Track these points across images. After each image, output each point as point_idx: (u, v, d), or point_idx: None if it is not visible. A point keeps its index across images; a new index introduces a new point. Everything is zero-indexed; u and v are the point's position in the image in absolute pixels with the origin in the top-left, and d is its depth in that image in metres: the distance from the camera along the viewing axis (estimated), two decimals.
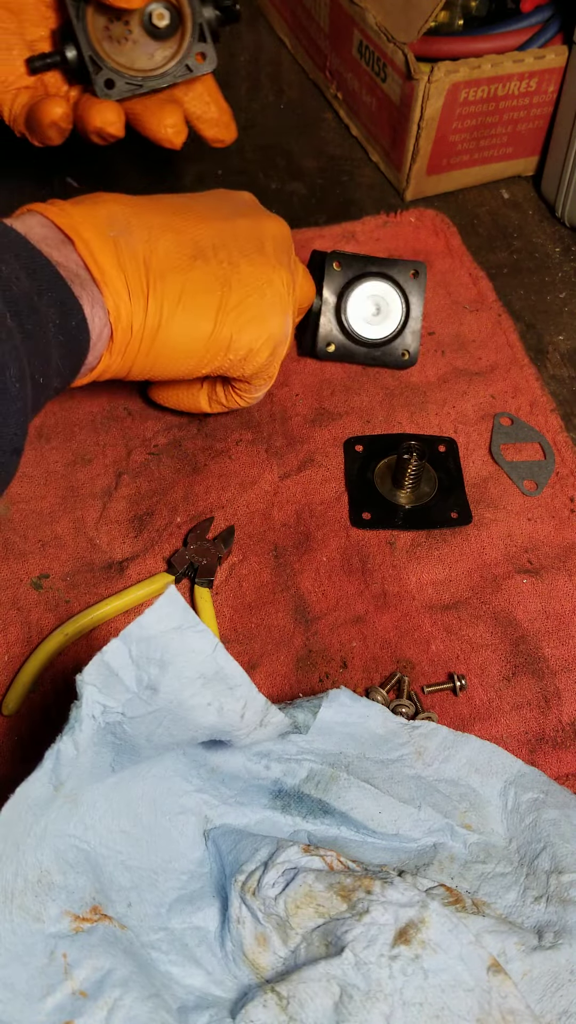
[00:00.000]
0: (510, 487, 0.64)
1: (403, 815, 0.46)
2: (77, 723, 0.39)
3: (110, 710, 0.39)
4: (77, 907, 0.39)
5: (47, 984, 0.37)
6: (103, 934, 0.39)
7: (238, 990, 0.40)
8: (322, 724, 0.47)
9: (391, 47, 0.76)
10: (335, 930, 0.39)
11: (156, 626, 0.38)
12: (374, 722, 0.48)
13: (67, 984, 0.37)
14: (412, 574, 0.60)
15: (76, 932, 0.39)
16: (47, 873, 0.39)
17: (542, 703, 0.55)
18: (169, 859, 0.44)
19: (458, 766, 0.48)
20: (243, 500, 0.63)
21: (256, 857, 0.41)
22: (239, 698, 0.40)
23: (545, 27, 0.78)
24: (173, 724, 0.40)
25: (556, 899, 0.43)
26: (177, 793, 0.45)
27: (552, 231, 0.82)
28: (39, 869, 0.39)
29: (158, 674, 0.38)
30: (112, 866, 0.42)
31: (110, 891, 0.41)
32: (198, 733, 0.41)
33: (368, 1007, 0.36)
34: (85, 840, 0.41)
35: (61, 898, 0.39)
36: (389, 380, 0.70)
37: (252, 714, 0.41)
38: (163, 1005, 0.37)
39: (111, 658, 0.38)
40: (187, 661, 0.39)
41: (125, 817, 0.43)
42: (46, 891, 0.39)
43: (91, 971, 0.37)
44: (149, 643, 0.38)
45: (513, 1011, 0.37)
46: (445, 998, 0.37)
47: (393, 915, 0.38)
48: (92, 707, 0.39)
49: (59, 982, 0.37)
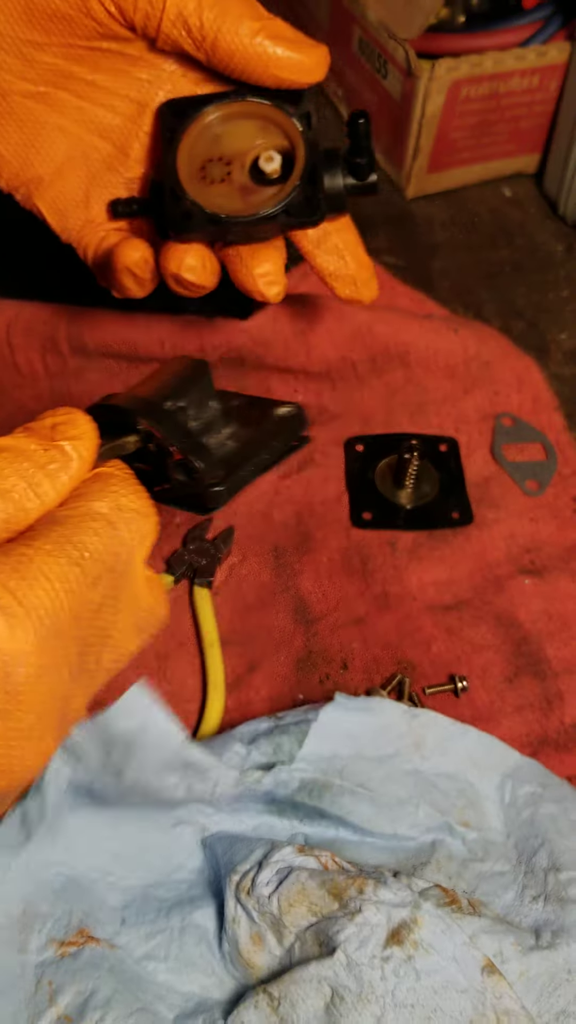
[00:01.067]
0: (512, 487, 0.64)
1: (400, 815, 0.46)
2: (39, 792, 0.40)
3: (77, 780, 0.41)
4: (63, 933, 0.40)
5: (33, 1013, 0.38)
6: (88, 957, 0.40)
7: (234, 992, 0.41)
8: (317, 728, 0.46)
9: (392, 44, 0.76)
10: (327, 929, 0.39)
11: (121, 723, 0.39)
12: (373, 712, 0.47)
13: (51, 1011, 0.38)
14: (413, 574, 0.60)
15: (62, 957, 0.40)
16: (32, 904, 0.40)
17: (544, 705, 0.55)
18: (168, 872, 0.44)
19: (456, 760, 0.47)
20: (243, 500, 0.63)
21: (251, 857, 0.41)
22: (209, 780, 0.42)
23: (547, 23, 0.78)
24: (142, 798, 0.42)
25: (554, 898, 0.43)
26: (170, 806, 0.45)
27: (554, 229, 0.82)
28: (23, 902, 0.40)
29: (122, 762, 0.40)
30: (102, 888, 0.43)
31: (99, 912, 0.42)
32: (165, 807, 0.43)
33: (359, 1008, 0.36)
34: (71, 866, 0.42)
35: (47, 927, 0.40)
36: (390, 379, 0.69)
37: (224, 787, 0.43)
38: (148, 1019, 0.38)
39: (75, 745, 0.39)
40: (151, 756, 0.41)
41: (112, 840, 0.44)
42: (31, 922, 0.40)
43: (74, 995, 0.38)
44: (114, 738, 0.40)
45: (508, 1012, 0.37)
46: (438, 999, 0.36)
47: (386, 915, 0.38)
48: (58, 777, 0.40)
49: (44, 1010, 0.38)
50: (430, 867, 0.44)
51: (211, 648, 0.56)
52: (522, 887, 0.44)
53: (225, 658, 0.56)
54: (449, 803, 0.47)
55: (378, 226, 0.81)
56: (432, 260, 0.80)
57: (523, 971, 0.39)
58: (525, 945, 0.40)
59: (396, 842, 0.46)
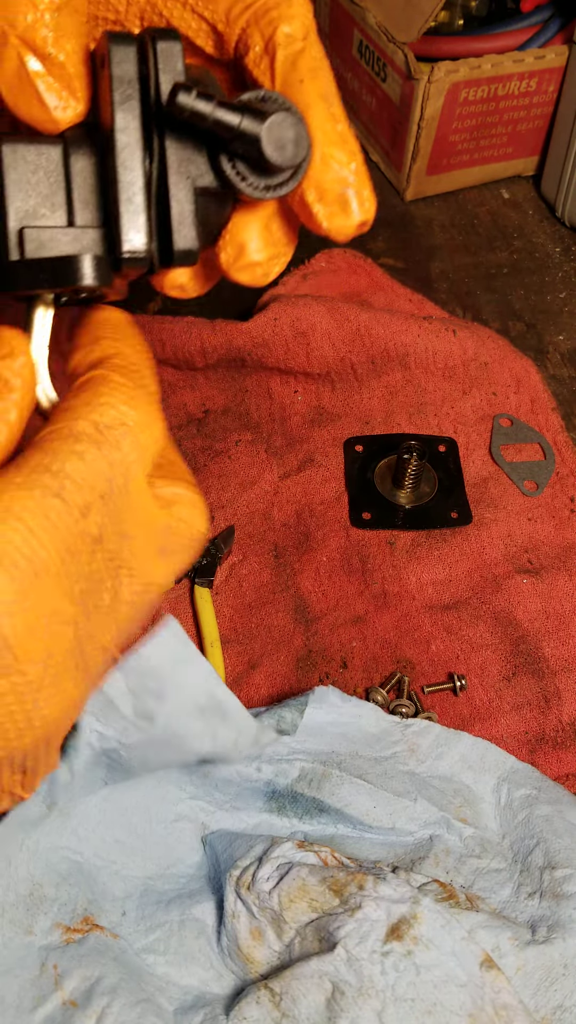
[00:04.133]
0: (510, 487, 0.64)
1: (398, 808, 0.46)
2: (74, 751, 0.40)
3: (107, 737, 0.40)
4: (68, 918, 0.40)
5: (38, 996, 0.38)
6: (94, 944, 0.40)
7: (233, 987, 0.41)
8: (313, 725, 0.47)
9: (391, 47, 0.76)
10: (327, 925, 0.39)
11: (155, 658, 0.39)
12: (366, 721, 0.48)
13: (57, 995, 0.38)
14: (412, 574, 0.60)
15: (67, 943, 0.39)
16: (39, 886, 0.40)
17: (542, 703, 0.55)
18: (167, 865, 0.44)
19: (451, 763, 0.48)
20: (243, 500, 0.63)
21: (251, 853, 0.42)
22: (232, 727, 0.41)
23: (545, 27, 0.78)
24: (167, 750, 0.41)
25: (549, 894, 0.43)
26: (172, 801, 0.46)
27: (552, 231, 0.82)
28: (31, 883, 0.40)
29: (155, 704, 0.39)
30: (106, 876, 0.43)
31: (103, 901, 0.42)
32: (190, 758, 0.42)
33: (360, 1003, 0.37)
34: (78, 851, 0.42)
35: (53, 910, 0.40)
36: (389, 380, 0.70)
37: (245, 740, 0.42)
38: (153, 1009, 0.38)
39: (109, 688, 0.39)
40: (184, 693, 0.40)
41: (119, 827, 0.44)
42: (37, 904, 0.40)
43: (80, 981, 0.38)
44: (147, 675, 0.39)
45: (506, 1006, 0.37)
46: (437, 994, 0.37)
47: (385, 911, 0.39)
48: (89, 735, 0.39)
49: (49, 993, 0.38)
50: (428, 862, 0.45)
51: (212, 647, 0.56)
52: (518, 884, 0.44)
53: (225, 657, 0.56)
54: (446, 800, 0.47)
55: (377, 228, 0.82)
56: (431, 262, 0.80)
57: (520, 966, 0.40)
58: (522, 940, 0.41)
59: (395, 836, 0.46)
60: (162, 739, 0.40)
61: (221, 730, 0.41)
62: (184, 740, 0.40)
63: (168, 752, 0.41)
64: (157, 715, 0.39)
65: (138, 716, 0.39)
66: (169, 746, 0.41)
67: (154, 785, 0.45)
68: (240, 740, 0.42)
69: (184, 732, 0.40)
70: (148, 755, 0.41)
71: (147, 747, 0.41)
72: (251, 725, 0.42)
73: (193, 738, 0.40)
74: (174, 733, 0.40)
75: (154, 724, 0.39)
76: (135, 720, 0.39)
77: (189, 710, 0.40)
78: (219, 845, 0.44)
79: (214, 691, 0.40)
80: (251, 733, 0.42)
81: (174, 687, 0.39)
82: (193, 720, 0.40)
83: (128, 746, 0.40)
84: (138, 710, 0.39)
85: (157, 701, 0.39)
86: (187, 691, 0.40)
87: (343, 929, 0.38)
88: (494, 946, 0.39)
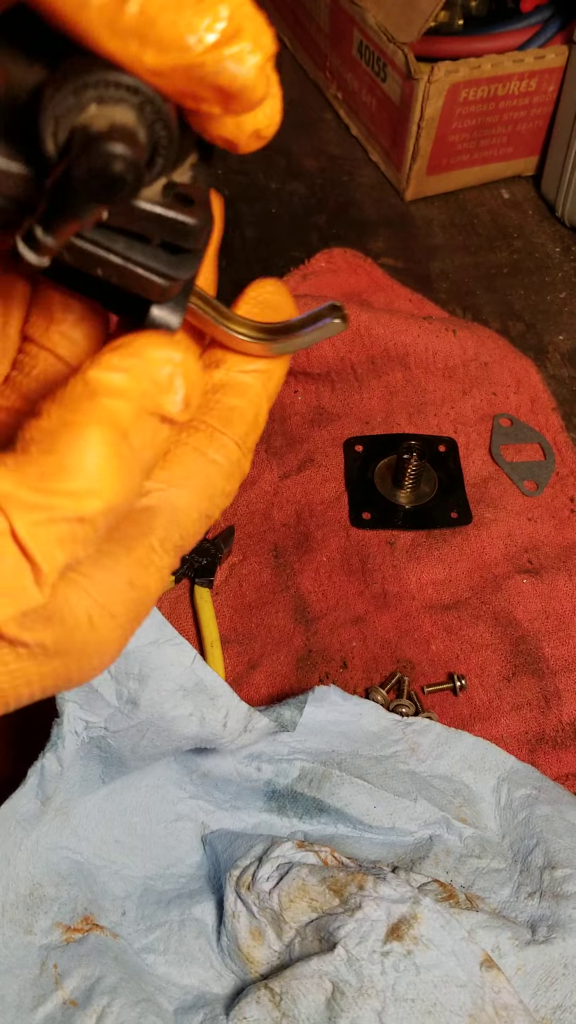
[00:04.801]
0: (510, 487, 0.64)
1: (398, 808, 0.46)
2: (59, 740, 0.40)
3: (92, 725, 0.40)
4: (68, 918, 0.40)
5: (38, 995, 0.38)
6: (94, 943, 0.40)
7: (233, 987, 0.41)
8: (313, 723, 0.47)
9: (391, 47, 0.76)
10: (328, 925, 0.39)
11: (133, 641, 0.39)
12: (367, 719, 0.48)
13: (57, 994, 0.38)
14: (412, 574, 0.60)
15: (67, 943, 0.40)
16: (39, 886, 0.40)
17: (542, 703, 0.55)
18: (167, 865, 0.44)
19: (451, 763, 0.48)
20: (243, 500, 0.63)
21: (251, 853, 0.42)
22: (220, 708, 0.41)
23: (545, 27, 0.78)
24: (156, 735, 0.41)
25: (549, 894, 0.43)
26: (172, 800, 0.46)
27: (552, 231, 0.82)
28: (31, 882, 0.40)
29: (137, 688, 0.39)
30: (106, 876, 0.43)
31: (103, 901, 0.42)
32: (182, 743, 0.42)
33: (360, 1003, 0.37)
34: (78, 851, 0.42)
35: (53, 910, 0.40)
36: (389, 380, 0.70)
37: (234, 722, 0.42)
38: (153, 1009, 0.38)
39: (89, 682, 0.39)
40: (166, 674, 0.40)
41: (119, 827, 0.44)
42: (38, 903, 0.40)
43: (81, 980, 0.38)
44: (127, 658, 0.39)
45: (506, 1006, 0.37)
46: (437, 994, 0.37)
47: (385, 911, 0.39)
48: (74, 723, 0.40)
49: (50, 992, 0.38)
50: (428, 861, 0.45)
51: (212, 647, 0.56)
52: (517, 884, 0.44)
53: (225, 657, 0.56)
54: (446, 800, 0.47)
55: (377, 228, 0.82)
56: (431, 262, 0.80)
57: (520, 965, 0.40)
58: (522, 940, 0.41)
59: (395, 836, 0.46)
60: (149, 723, 0.40)
61: (208, 712, 0.41)
62: (172, 723, 0.40)
63: (157, 737, 0.41)
64: (140, 698, 0.39)
65: (122, 702, 0.40)
66: (157, 730, 0.41)
67: (154, 785, 0.45)
68: (229, 721, 0.42)
69: (170, 714, 0.40)
70: (137, 741, 0.41)
71: (135, 733, 0.41)
72: (239, 706, 0.42)
73: (180, 720, 0.41)
74: (160, 716, 0.40)
75: (139, 708, 0.40)
76: (120, 705, 0.40)
77: (173, 692, 0.40)
78: (219, 845, 0.44)
79: (197, 671, 0.40)
80: (240, 713, 0.42)
81: (155, 669, 0.39)
82: (178, 702, 0.40)
83: (116, 733, 0.40)
84: (121, 695, 0.39)
85: (139, 684, 0.39)
86: (169, 673, 0.40)
87: (343, 929, 0.38)
88: (494, 946, 0.39)
